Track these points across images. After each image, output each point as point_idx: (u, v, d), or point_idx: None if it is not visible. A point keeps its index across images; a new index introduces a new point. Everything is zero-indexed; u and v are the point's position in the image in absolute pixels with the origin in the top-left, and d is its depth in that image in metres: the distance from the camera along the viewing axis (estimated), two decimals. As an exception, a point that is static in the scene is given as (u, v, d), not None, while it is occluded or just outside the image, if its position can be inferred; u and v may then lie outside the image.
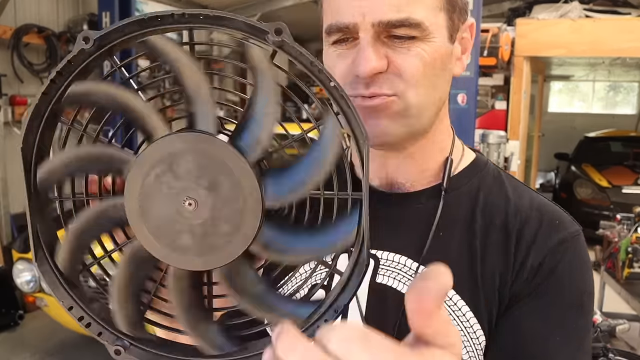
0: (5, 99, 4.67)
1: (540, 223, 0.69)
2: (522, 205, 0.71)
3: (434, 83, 0.67)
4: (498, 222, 0.70)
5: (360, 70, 0.63)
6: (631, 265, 3.13)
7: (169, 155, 0.41)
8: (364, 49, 0.63)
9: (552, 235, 0.68)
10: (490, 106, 6.91)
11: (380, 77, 0.64)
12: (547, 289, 0.66)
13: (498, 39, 5.63)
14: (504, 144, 5.55)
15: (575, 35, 5.88)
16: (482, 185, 0.73)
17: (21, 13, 4.85)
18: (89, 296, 0.48)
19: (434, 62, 0.65)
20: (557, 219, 0.70)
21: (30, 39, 4.78)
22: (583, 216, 6.71)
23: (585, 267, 0.69)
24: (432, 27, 0.64)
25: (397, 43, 0.64)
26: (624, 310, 3.32)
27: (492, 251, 0.68)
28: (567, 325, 0.66)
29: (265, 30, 0.41)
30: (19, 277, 3.31)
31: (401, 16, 0.62)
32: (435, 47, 0.65)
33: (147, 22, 0.42)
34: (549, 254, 0.67)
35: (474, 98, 4.42)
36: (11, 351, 3.82)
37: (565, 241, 0.68)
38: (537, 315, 0.66)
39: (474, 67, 4.33)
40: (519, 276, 0.67)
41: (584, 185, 7.11)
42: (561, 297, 0.66)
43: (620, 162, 7.61)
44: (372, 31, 0.63)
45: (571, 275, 0.67)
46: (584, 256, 0.69)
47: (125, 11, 5.54)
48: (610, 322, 2.16)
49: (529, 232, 0.68)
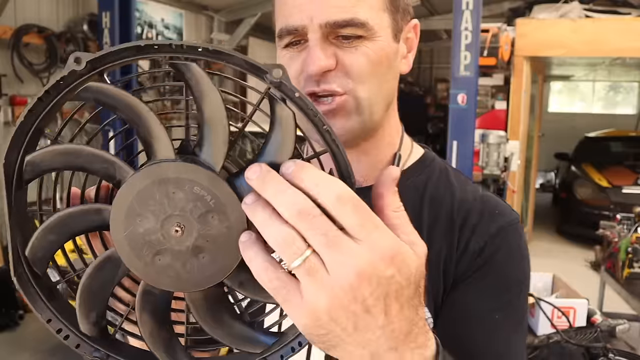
0: (5, 99, 4.67)
1: (482, 213, 0.75)
2: (465, 198, 0.77)
3: (380, 80, 0.71)
4: (444, 213, 0.76)
5: (310, 68, 0.67)
6: (631, 265, 3.13)
7: (169, 179, 0.42)
8: (313, 49, 0.67)
9: (491, 223, 0.74)
10: (490, 106, 6.91)
11: (329, 75, 0.68)
12: (487, 272, 0.71)
13: (498, 39, 5.63)
14: (504, 144, 5.54)
15: (575, 35, 5.88)
16: (429, 180, 0.79)
17: (21, 13, 4.85)
18: (69, 308, 0.49)
19: (379, 60, 0.69)
20: (497, 209, 0.76)
21: (30, 39, 4.79)
22: (583, 216, 6.72)
23: (522, 253, 0.75)
24: (377, 26, 0.69)
25: (345, 42, 0.68)
26: (624, 310, 3.32)
27: (438, 238, 0.74)
28: (505, 305, 0.71)
29: (264, 70, 0.42)
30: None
31: (347, 16, 0.66)
32: (381, 46, 0.69)
33: (144, 49, 0.42)
34: (489, 240, 0.73)
35: (474, 98, 4.42)
36: (11, 351, 3.82)
37: (504, 229, 0.74)
38: (478, 295, 0.71)
39: (474, 67, 4.33)
40: (461, 260, 0.73)
41: (584, 185, 7.11)
42: (500, 279, 0.72)
43: (621, 162, 7.61)
44: (320, 32, 0.67)
45: (509, 259, 0.73)
46: (521, 242, 0.75)
47: (125, 11, 5.54)
48: (610, 322, 2.16)
49: (471, 221, 0.74)
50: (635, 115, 11.70)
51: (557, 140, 9.54)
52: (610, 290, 3.41)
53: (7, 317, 4.14)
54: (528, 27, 6.05)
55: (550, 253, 6.57)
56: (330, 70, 0.68)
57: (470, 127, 4.44)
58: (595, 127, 9.42)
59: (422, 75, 12.03)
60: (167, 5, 6.81)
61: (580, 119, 11.64)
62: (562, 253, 6.52)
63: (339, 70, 0.68)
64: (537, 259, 6.75)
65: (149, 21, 6.51)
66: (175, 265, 0.44)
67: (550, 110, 12.27)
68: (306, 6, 0.67)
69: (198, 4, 7.25)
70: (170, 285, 0.45)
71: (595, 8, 6.16)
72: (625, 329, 2.14)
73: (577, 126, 10.59)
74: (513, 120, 6.19)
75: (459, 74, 4.37)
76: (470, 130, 4.44)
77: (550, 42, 5.97)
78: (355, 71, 0.68)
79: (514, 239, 0.74)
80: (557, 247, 6.90)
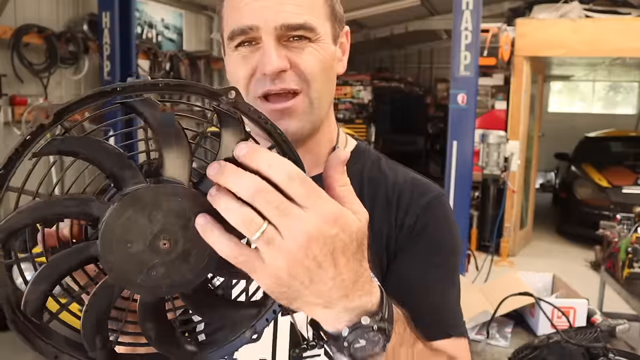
0: (5, 99, 4.67)
1: (412, 192, 0.86)
2: (397, 180, 0.87)
3: (326, 79, 0.80)
4: (380, 195, 0.86)
5: (267, 69, 0.73)
6: (631, 265, 3.12)
7: (147, 203, 0.47)
8: (268, 50, 0.73)
9: (420, 199, 0.85)
10: (490, 106, 6.91)
11: (284, 75, 0.75)
12: (419, 241, 0.83)
13: (498, 39, 5.63)
14: (504, 144, 5.54)
15: (575, 35, 5.87)
16: (364, 167, 0.89)
17: (21, 13, 4.85)
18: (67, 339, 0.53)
19: (325, 60, 0.78)
20: (424, 187, 0.88)
21: (30, 39, 4.78)
22: (583, 216, 6.72)
23: (448, 222, 0.87)
24: (322, 31, 0.77)
25: (295, 44, 0.75)
26: (624, 310, 3.32)
27: (378, 218, 0.83)
28: (437, 266, 0.84)
29: (219, 94, 0.49)
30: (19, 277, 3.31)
31: (300, 21, 0.74)
32: (325, 48, 0.78)
33: (110, 93, 0.46)
34: (420, 213, 0.84)
35: (473, 98, 4.42)
36: (11, 351, 3.82)
37: (431, 203, 0.85)
38: (414, 261, 0.83)
39: (474, 67, 4.33)
40: (400, 234, 0.84)
41: (584, 185, 7.11)
42: (432, 245, 0.84)
43: (621, 162, 7.61)
44: (275, 34, 0.73)
45: (437, 228, 0.85)
46: (446, 213, 0.88)
47: (125, 11, 5.54)
48: (610, 321, 2.16)
49: (404, 200, 0.85)
50: (635, 115, 11.70)
51: (557, 140, 9.54)
52: (610, 290, 3.41)
53: (7, 317, 4.15)
54: (528, 27, 6.05)
55: (550, 253, 6.57)
56: (284, 70, 0.74)
57: (470, 127, 4.45)
58: (595, 127, 9.42)
59: (422, 75, 12.03)
60: (167, 5, 6.81)
61: (580, 119, 11.64)
62: (562, 253, 6.52)
63: (292, 70, 0.75)
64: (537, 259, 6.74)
65: (149, 21, 6.52)
66: (170, 273, 0.49)
67: (550, 110, 12.27)
68: (260, 10, 0.73)
69: (198, 4, 7.25)
70: (167, 292, 0.50)
71: (595, 8, 6.16)
72: (625, 329, 2.14)
73: (577, 126, 10.59)
74: (513, 120, 6.20)
75: (459, 74, 4.37)
76: (470, 130, 4.45)
77: (550, 42, 5.97)
78: (309, 71, 0.76)
79: (440, 211, 0.87)
80: (557, 247, 6.90)
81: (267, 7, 0.73)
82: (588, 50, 6.06)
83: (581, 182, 7.19)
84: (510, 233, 6.24)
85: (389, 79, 10.58)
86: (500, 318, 2.23)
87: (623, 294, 3.11)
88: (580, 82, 12.43)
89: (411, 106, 10.63)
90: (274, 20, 0.73)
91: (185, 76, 6.85)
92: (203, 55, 7.29)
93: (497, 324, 2.21)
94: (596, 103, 12.76)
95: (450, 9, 5.44)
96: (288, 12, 0.73)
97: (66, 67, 5.21)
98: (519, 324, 2.27)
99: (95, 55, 5.43)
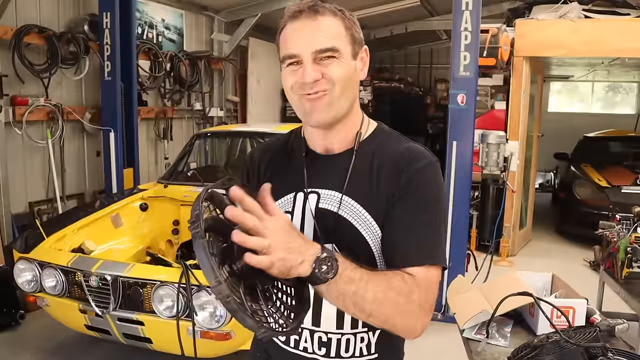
0: (6, 99, 4.66)
1: (410, 158, 1.18)
2: (401, 150, 1.21)
3: (347, 83, 1.17)
4: (387, 162, 1.19)
5: (307, 79, 1.13)
6: (630, 265, 3.12)
7: None
8: (307, 67, 1.13)
9: (415, 164, 1.17)
10: (490, 106, 6.91)
11: (317, 83, 1.14)
12: (412, 196, 1.15)
13: (497, 39, 5.63)
14: (504, 144, 5.54)
15: (575, 35, 5.88)
16: (378, 144, 1.24)
17: (22, 13, 4.86)
18: None
19: (346, 70, 1.16)
20: (420, 155, 1.20)
21: (31, 40, 4.78)
22: (582, 216, 6.72)
23: (436, 183, 1.18)
24: (344, 51, 1.15)
25: (325, 61, 1.13)
26: (623, 310, 3.33)
27: (384, 179, 1.18)
28: (429, 211, 1.16)
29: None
30: (20, 276, 3.31)
31: (328, 45, 1.13)
32: (347, 62, 1.16)
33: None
34: (414, 174, 1.16)
35: (473, 98, 4.42)
36: (12, 351, 3.83)
37: (424, 166, 1.17)
38: (408, 209, 1.14)
39: (473, 68, 4.34)
40: (399, 191, 1.15)
41: (584, 185, 7.11)
42: (421, 201, 1.15)
43: (620, 162, 7.61)
44: (311, 57, 1.13)
45: (426, 188, 1.16)
46: (435, 176, 1.18)
47: (126, 11, 5.54)
48: (610, 321, 2.17)
49: (403, 164, 1.17)
50: (634, 115, 11.70)
51: (557, 140, 9.54)
52: (609, 290, 3.42)
53: (7, 317, 4.14)
54: (527, 28, 6.06)
55: (550, 253, 6.58)
56: (317, 80, 1.13)
57: (469, 127, 4.44)
58: (595, 127, 9.43)
59: (422, 75, 12.02)
60: (168, 6, 6.81)
61: (579, 119, 11.64)
62: (562, 253, 6.53)
63: (323, 79, 1.14)
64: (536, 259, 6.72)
65: (150, 21, 6.52)
66: None
67: (550, 110, 12.27)
68: (301, 41, 1.13)
69: (198, 4, 7.25)
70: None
71: (595, 8, 6.16)
72: (625, 328, 2.14)
73: (576, 126, 10.59)
74: (512, 120, 6.20)
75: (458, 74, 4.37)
76: (470, 131, 4.44)
77: (549, 42, 5.98)
78: (334, 77, 1.14)
79: (430, 174, 1.18)
80: (557, 247, 6.91)
81: (306, 39, 1.13)
82: (587, 50, 6.07)
83: (580, 182, 7.19)
84: (510, 233, 6.25)
85: (389, 79, 10.58)
86: (500, 317, 2.23)
87: (622, 294, 3.11)
88: (580, 82, 12.44)
89: (411, 106, 10.63)
90: (310, 48, 1.12)
91: (186, 76, 6.86)
92: (203, 56, 7.28)
93: (496, 324, 2.22)
94: (595, 103, 12.76)
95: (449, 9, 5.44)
96: (319, 41, 1.12)
97: (67, 68, 5.21)
98: (518, 324, 2.27)
99: (95, 55, 5.43)
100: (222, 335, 2.91)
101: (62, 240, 3.59)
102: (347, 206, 1.18)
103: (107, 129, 5.52)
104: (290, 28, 1.15)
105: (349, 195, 1.18)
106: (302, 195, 1.23)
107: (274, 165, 1.32)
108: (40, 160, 5.16)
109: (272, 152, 1.35)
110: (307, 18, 1.13)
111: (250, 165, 1.36)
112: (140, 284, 3.00)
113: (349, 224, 1.17)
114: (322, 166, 1.24)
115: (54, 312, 3.45)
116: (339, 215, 1.18)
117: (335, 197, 1.20)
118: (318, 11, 1.14)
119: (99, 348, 3.78)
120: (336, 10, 1.16)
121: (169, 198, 4.25)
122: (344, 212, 1.18)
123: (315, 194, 1.22)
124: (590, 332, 1.65)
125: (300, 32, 1.13)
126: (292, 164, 1.29)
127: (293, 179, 1.25)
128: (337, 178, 1.20)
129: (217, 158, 5.72)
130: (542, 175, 10.56)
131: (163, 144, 6.84)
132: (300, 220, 1.21)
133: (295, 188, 1.24)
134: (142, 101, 6.34)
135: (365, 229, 1.17)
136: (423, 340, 1.66)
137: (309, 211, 1.21)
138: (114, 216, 4.06)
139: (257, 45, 8.06)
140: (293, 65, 1.14)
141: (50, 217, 5.00)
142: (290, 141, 1.33)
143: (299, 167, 1.25)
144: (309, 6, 1.14)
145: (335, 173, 1.21)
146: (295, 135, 1.33)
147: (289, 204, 1.24)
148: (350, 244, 1.16)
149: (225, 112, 8.00)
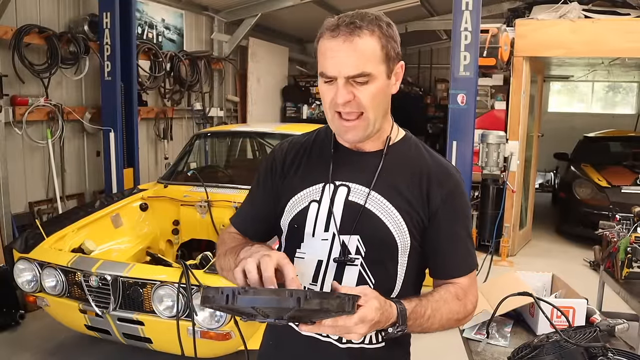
0: (6, 99, 4.66)
1: (440, 173, 1.31)
2: (429, 162, 1.32)
3: (378, 104, 1.24)
4: (415, 169, 1.31)
5: (340, 100, 1.19)
6: (630, 265, 3.13)
7: None
8: (340, 89, 1.19)
9: (449, 180, 1.30)
10: (490, 106, 6.91)
11: (349, 104, 1.20)
12: (450, 210, 1.29)
13: (497, 39, 5.63)
14: (504, 144, 5.55)
15: (575, 35, 5.88)
16: (406, 150, 1.35)
17: (22, 13, 4.85)
18: None
19: (377, 93, 1.21)
20: (452, 168, 1.34)
21: (31, 40, 4.78)
22: (582, 216, 6.72)
23: (465, 194, 1.34)
24: (377, 73, 1.20)
25: (357, 84, 1.19)
26: (623, 310, 3.33)
27: (410, 184, 1.29)
28: (464, 224, 1.33)
29: None
30: (20, 276, 3.31)
31: (359, 71, 1.17)
32: (379, 84, 1.21)
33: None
34: (449, 191, 1.29)
35: (473, 98, 4.43)
36: (12, 351, 3.82)
37: (457, 183, 1.31)
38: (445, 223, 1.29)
39: (473, 68, 4.34)
40: (433, 204, 1.29)
41: (584, 185, 7.11)
42: (457, 214, 1.31)
43: (620, 162, 7.61)
44: (344, 79, 1.18)
45: (460, 202, 1.31)
46: (464, 190, 1.33)
47: (126, 11, 5.54)
48: (610, 321, 2.17)
49: (434, 178, 1.30)
50: (634, 115, 11.70)
51: (557, 140, 9.54)
52: (609, 290, 3.42)
53: (7, 317, 4.14)
54: (527, 28, 6.06)
55: (550, 253, 6.58)
56: (349, 101, 1.20)
57: (469, 127, 4.45)
58: (595, 127, 9.43)
59: (422, 75, 12.03)
60: (168, 6, 6.81)
61: (579, 119, 11.65)
62: (562, 253, 6.53)
63: (355, 101, 1.20)
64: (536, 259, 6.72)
65: (150, 21, 6.52)
66: None
67: (550, 110, 12.27)
68: (336, 66, 1.18)
69: (198, 4, 7.25)
70: None
71: (595, 9, 6.16)
72: (624, 328, 2.15)
73: (576, 126, 10.60)
74: (512, 120, 6.20)
75: (458, 74, 4.37)
76: (470, 131, 4.45)
77: (549, 42, 5.98)
78: (363, 103, 1.21)
79: (462, 189, 1.32)
80: (557, 247, 6.91)
81: (340, 64, 1.17)
82: (587, 50, 6.07)
83: (580, 182, 7.19)
84: (510, 233, 6.25)
85: (389, 79, 10.56)
86: (500, 317, 2.24)
87: (622, 294, 3.11)
88: (580, 82, 12.44)
89: (411, 106, 10.62)
90: (344, 73, 1.17)
91: (185, 76, 6.86)
92: (203, 56, 7.28)
93: (496, 324, 2.22)
94: (595, 103, 12.76)
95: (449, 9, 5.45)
96: (352, 66, 1.17)
97: (67, 68, 5.20)
98: (519, 324, 2.28)
99: (96, 55, 5.43)
100: (222, 335, 2.91)
101: (62, 240, 3.59)
102: (375, 200, 1.27)
103: (107, 129, 5.52)
104: (327, 44, 1.18)
105: (376, 191, 1.28)
106: (332, 186, 1.31)
107: (301, 157, 1.38)
108: (40, 160, 5.15)
109: (299, 145, 1.41)
110: (343, 37, 1.16)
111: (274, 158, 1.41)
112: (140, 284, 3.00)
113: (375, 217, 1.27)
114: (351, 161, 1.32)
115: (54, 312, 3.45)
116: (366, 208, 1.27)
117: (364, 191, 1.28)
118: (354, 31, 1.16)
119: (99, 348, 3.78)
120: (374, 28, 1.18)
121: (169, 198, 4.25)
122: (371, 205, 1.27)
123: (345, 187, 1.30)
124: (590, 332, 1.65)
125: (335, 52, 1.17)
126: (321, 156, 1.36)
127: (321, 171, 1.32)
128: (366, 174, 1.29)
129: (217, 158, 5.71)
130: (542, 175, 10.57)
131: (163, 144, 6.84)
132: (327, 210, 1.29)
133: (323, 179, 1.32)
134: (142, 101, 6.33)
135: (391, 221, 1.27)
136: (423, 340, 1.67)
137: (338, 202, 1.30)
138: (114, 216, 4.06)
139: (257, 45, 8.06)
140: (329, 83, 1.20)
141: (50, 217, 5.00)
142: (317, 136, 1.41)
143: (328, 160, 1.33)
144: (347, 23, 1.16)
145: (364, 169, 1.30)
146: (322, 132, 1.40)
147: (317, 194, 1.31)
148: (375, 234, 1.26)
149: (225, 112, 8.00)
